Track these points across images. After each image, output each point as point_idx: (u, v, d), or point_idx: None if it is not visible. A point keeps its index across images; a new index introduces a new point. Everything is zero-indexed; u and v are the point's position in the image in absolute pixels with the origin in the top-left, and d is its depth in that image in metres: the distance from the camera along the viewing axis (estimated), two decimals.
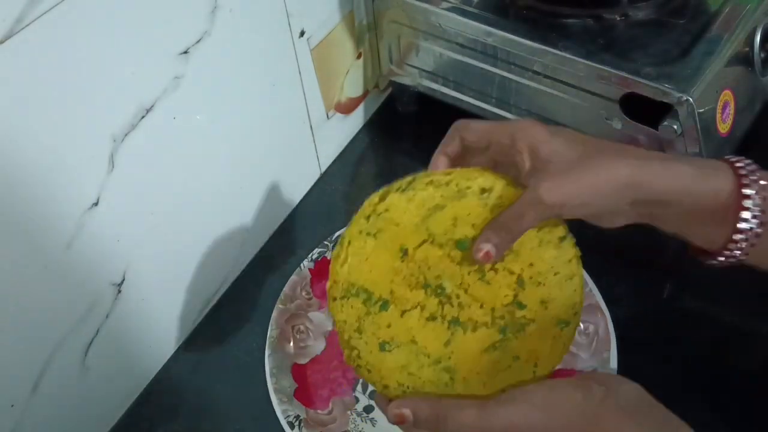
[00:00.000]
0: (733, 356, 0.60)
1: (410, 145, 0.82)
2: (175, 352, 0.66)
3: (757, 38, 0.63)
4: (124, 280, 0.57)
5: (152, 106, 0.54)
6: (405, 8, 0.70)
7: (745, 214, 0.42)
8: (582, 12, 0.65)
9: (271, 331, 0.62)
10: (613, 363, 0.56)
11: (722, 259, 0.45)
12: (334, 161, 0.80)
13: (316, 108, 0.74)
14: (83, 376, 0.57)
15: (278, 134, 0.70)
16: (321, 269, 0.66)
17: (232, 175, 0.65)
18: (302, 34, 0.67)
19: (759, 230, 0.43)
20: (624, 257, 0.65)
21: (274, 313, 0.63)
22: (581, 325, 0.60)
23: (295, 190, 0.76)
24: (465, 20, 0.67)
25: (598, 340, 0.58)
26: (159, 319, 0.63)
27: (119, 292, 0.57)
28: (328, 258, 0.67)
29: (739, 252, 0.44)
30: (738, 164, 0.44)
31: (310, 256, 0.66)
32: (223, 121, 0.62)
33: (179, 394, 0.63)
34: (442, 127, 0.81)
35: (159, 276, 0.61)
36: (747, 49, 0.63)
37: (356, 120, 0.83)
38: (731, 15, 0.64)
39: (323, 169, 0.79)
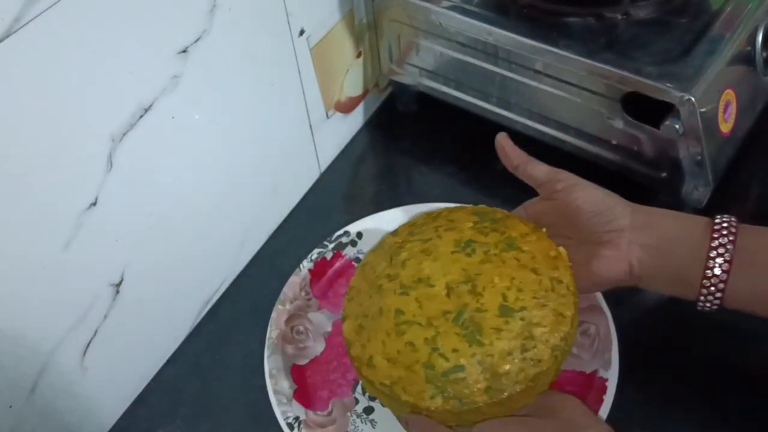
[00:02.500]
0: (735, 357, 0.60)
1: (410, 145, 0.82)
2: (174, 352, 0.66)
3: (759, 37, 0.63)
4: (122, 280, 0.57)
5: (151, 106, 0.53)
6: (405, 7, 0.70)
7: (711, 263, 0.48)
8: (583, 11, 0.65)
9: (271, 332, 0.61)
10: (615, 364, 0.56)
11: (700, 305, 0.50)
12: (334, 161, 0.80)
13: (315, 107, 0.73)
14: (81, 377, 0.57)
15: (277, 133, 0.70)
16: (320, 269, 0.66)
17: (231, 174, 0.65)
18: (302, 33, 0.67)
19: (724, 278, 0.48)
20: None
21: (274, 314, 0.62)
22: (583, 326, 0.60)
23: (295, 189, 0.76)
24: (465, 19, 0.66)
25: (599, 341, 0.58)
26: (157, 319, 0.63)
27: (117, 292, 0.57)
28: (328, 259, 0.67)
29: (712, 297, 0.49)
30: (716, 218, 0.49)
31: (309, 256, 0.66)
32: (221, 121, 0.62)
33: (178, 395, 0.63)
34: (442, 127, 0.81)
35: (158, 276, 0.60)
36: (749, 48, 0.63)
37: (356, 119, 0.82)
38: (733, 14, 0.63)
39: (323, 168, 0.79)
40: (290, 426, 0.55)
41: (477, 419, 0.48)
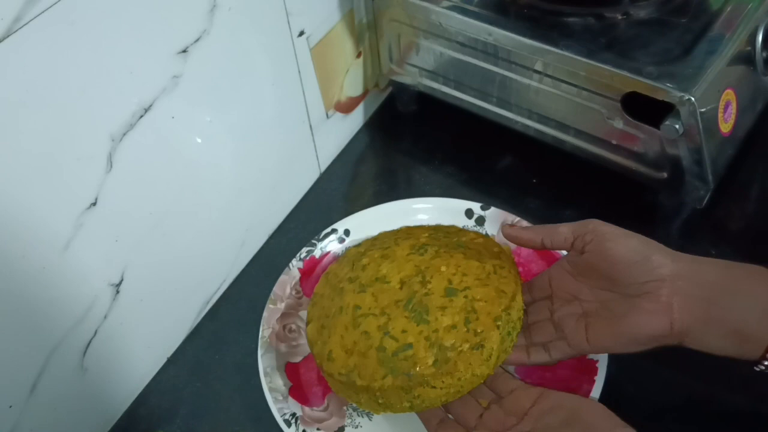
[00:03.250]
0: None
1: (410, 145, 0.82)
2: (174, 353, 0.66)
3: (759, 37, 0.63)
4: (122, 280, 0.57)
5: (151, 106, 0.53)
6: (405, 7, 0.70)
7: None
8: (583, 11, 0.65)
9: (263, 331, 0.62)
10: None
11: (765, 365, 0.46)
12: (334, 161, 0.80)
13: (315, 107, 0.73)
14: (81, 377, 0.57)
15: (277, 134, 0.70)
16: (310, 267, 0.66)
17: (230, 174, 0.65)
18: (302, 33, 0.67)
19: None
20: None
21: (265, 313, 0.63)
22: None
23: (295, 189, 0.76)
24: (466, 19, 0.66)
25: None
26: (157, 319, 0.63)
27: (117, 292, 0.57)
28: (317, 257, 0.67)
29: None
30: None
31: (298, 255, 0.66)
32: (222, 121, 0.62)
33: (177, 396, 0.63)
34: (442, 127, 0.81)
35: (157, 276, 0.60)
36: (749, 48, 0.63)
37: (356, 119, 0.82)
38: (733, 14, 0.63)
39: (323, 168, 0.79)
40: (287, 422, 0.56)
41: (428, 394, 0.51)
